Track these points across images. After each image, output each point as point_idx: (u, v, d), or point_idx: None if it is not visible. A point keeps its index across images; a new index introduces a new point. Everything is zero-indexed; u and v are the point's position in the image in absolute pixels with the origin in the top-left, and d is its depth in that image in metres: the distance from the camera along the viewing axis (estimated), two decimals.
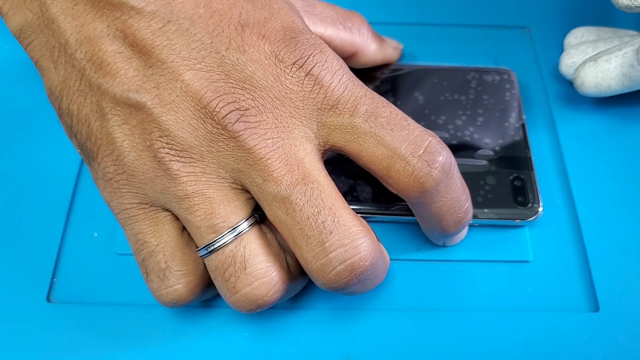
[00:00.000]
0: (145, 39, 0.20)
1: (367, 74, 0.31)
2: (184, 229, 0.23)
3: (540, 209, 0.27)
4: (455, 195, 0.23)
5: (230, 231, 0.21)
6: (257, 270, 0.21)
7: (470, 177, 0.28)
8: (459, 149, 0.29)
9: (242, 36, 0.21)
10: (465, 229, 0.27)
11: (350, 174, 0.28)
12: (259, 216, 0.22)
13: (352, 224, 0.21)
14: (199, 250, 0.22)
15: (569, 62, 0.31)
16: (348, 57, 0.29)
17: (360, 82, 0.22)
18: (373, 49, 0.29)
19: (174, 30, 0.21)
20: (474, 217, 0.27)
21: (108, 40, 0.21)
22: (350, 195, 0.27)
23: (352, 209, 0.24)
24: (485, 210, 0.27)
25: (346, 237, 0.21)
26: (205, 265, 0.23)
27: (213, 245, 0.21)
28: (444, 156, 0.21)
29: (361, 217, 0.23)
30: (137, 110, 0.21)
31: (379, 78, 0.31)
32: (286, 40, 0.22)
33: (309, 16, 0.27)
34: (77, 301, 0.26)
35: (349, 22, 0.28)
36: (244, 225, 0.21)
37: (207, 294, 0.24)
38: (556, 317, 0.25)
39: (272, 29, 0.22)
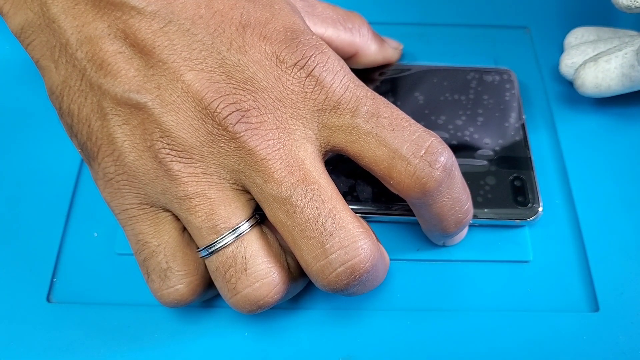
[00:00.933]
0: (146, 39, 0.20)
1: (367, 74, 0.31)
2: (184, 229, 0.23)
3: (540, 209, 0.27)
4: (457, 196, 0.23)
5: (231, 232, 0.21)
6: (258, 271, 0.21)
7: (470, 177, 0.28)
8: (459, 149, 0.29)
9: (243, 37, 0.21)
10: (465, 229, 0.27)
11: (350, 174, 0.28)
12: (259, 217, 0.22)
13: (352, 225, 0.21)
14: (199, 250, 0.22)
15: (569, 63, 0.31)
16: (348, 58, 0.29)
17: (361, 83, 0.22)
18: (373, 49, 0.29)
19: (175, 30, 0.21)
20: (474, 217, 0.27)
21: (109, 40, 0.21)
22: (350, 195, 0.27)
23: (352, 209, 0.24)
24: (485, 210, 0.27)
25: (346, 238, 0.21)
26: (206, 265, 0.23)
27: (214, 246, 0.21)
28: (446, 157, 0.21)
29: (361, 217, 0.23)
30: (138, 110, 0.21)
31: (379, 78, 0.31)
32: (287, 41, 0.22)
33: (309, 17, 0.27)
34: (77, 301, 0.26)
35: (349, 23, 0.28)
36: (245, 226, 0.21)
37: (207, 294, 0.24)
38: (556, 317, 0.25)
39: (273, 30, 0.22)
